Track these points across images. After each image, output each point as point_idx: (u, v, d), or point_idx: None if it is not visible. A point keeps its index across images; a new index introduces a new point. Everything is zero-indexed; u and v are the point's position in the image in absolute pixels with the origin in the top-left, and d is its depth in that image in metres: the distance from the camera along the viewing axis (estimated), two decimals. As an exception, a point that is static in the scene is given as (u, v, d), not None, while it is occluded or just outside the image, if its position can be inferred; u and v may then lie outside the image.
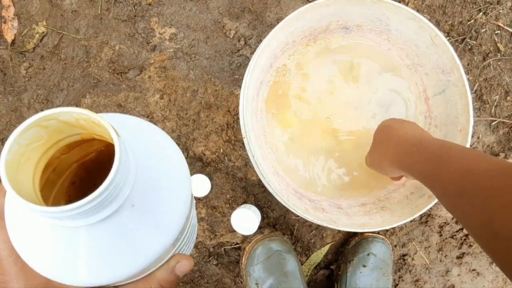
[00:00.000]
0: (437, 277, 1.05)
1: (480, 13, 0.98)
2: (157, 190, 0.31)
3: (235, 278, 1.02)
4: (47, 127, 0.27)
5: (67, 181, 0.33)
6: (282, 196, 0.68)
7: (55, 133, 0.28)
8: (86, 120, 0.27)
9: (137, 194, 0.29)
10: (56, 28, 0.98)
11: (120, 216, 0.28)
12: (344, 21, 0.79)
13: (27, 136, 0.26)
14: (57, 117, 0.26)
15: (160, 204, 0.31)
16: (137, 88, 0.99)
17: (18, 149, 0.26)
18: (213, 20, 0.99)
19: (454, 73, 0.73)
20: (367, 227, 0.69)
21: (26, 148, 0.27)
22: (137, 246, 0.30)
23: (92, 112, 0.26)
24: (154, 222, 0.31)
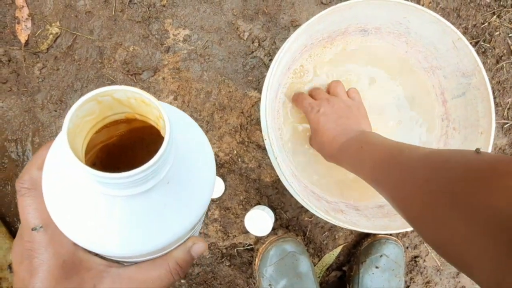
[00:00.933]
0: (448, 278, 1.06)
1: (494, 16, 0.98)
2: (190, 170, 0.33)
3: (248, 279, 1.03)
4: (101, 102, 0.28)
5: (90, 162, 0.34)
6: (304, 197, 0.68)
7: (106, 109, 0.30)
8: (137, 99, 0.29)
9: (173, 173, 0.31)
10: (70, 29, 0.98)
11: (156, 192, 0.30)
12: (364, 24, 0.80)
13: (84, 109, 0.28)
14: (112, 94, 0.28)
15: (191, 184, 0.33)
16: (151, 90, 0.99)
17: (77, 120, 0.27)
18: (227, 21, 0.99)
19: (476, 76, 0.73)
20: (389, 229, 0.69)
21: (81, 120, 0.28)
22: (166, 222, 0.32)
23: (145, 92, 0.28)
24: (184, 201, 0.32)
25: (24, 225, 0.33)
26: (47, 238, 0.32)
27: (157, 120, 0.30)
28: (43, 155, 0.33)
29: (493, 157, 0.45)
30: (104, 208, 0.30)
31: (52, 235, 0.32)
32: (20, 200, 0.33)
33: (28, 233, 0.33)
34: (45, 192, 0.32)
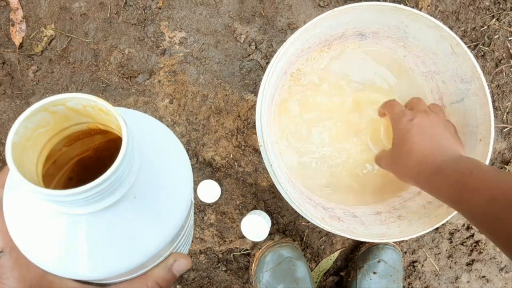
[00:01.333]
0: (446, 283, 1.05)
1: (493, 19, 0.97)
2: (161, 184, 0.31)
3: (244, 284, 1.02)
4: (54, 112, 0.27)
5: (65, 176, 0.33)
6: (300, 205, 0.67)
7: (62, 119, 0.28)
8: (94, 107, 0.27)
9: (140, 186, 0.29)
10: (65, 32, 0.97)
11: (122, 207, 0.28)
12: (361, 28, 0.79)
13: (35, 120, 0.26)
14: (65, 103, 0.26)
15: (163, 199, 0.31)
16: (146, 93, 0.98)
17: (25, 133, 0.26)
18: (224, 24, 0.98)
19: (475, 82, 0.72)
20: (386, 238, 0.68)
21: (32, 132, 0.26)
22: (137, 239, 0.30)
23: (100, 99, 0.26)
24: (155, 216, 0.31)
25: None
26: (11, 262, 0.31)
27: (118, 129, 0.27)
28: (6, 172, 0.32)
29: None
30: (68, 230, 0.28)
31: (18, 258, 0.31)
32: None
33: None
34: (6, 214, 0.30)
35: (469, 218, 0.57)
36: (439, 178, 0.61)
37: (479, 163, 0.60)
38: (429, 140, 0.67)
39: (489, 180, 0.55)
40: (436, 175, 0.62)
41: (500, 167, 1.01)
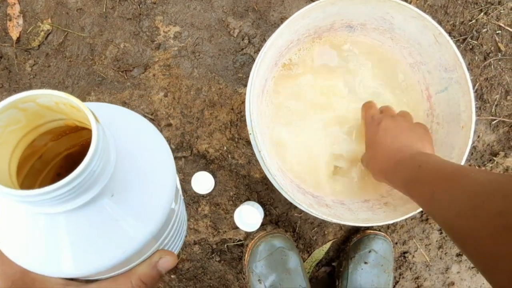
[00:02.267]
0: (437, 274, 1.07)
1: (481, 13, 0.99)
2: (140, 179, 0.31)
3: (238, 274, 1.03)
4: (25, 109, 0.26)
5: (53, 172, 0.33)
6: (288, 191, 0.68)
7: (35, 117, 0.27)
8: (66, 104, 0.26)
9: (118, 183, 0.29)
10: (61, 26, 0.99)
11: (100, 204, 0.28)
12: (349, 20, 0.80)
13: (4, 118, 0.25)
14: (35, 100, 0.26)
15: (142, 195, 0.30)
16: (141, 86, 0.99)
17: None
18: (217, 19, 1.00)
19: (457, 71, 0.74)
20: (371, 222, 0.70)
21: (3, 130, 0.26)
22: (117, 236, 0.30)
23: (71, 96, 0.25)
24: (135, 212, 0.30)
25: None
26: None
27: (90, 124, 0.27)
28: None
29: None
30: (47, 229, 0.28)
31: (0, 256, 0.30)
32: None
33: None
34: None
35: (420, 206, 0.62)
36: (396, 173, 0.68)
37: (430, 158, 0.65)
38: (392, 140, 0.73)
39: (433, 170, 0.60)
40: (394, 170, 0.68)
41: (489, 159, 1.02)
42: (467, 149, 0.74)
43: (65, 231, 0.28)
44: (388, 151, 0.72)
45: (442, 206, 0.53)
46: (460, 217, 0.48)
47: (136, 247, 0.30)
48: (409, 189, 0.63)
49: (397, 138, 0.73)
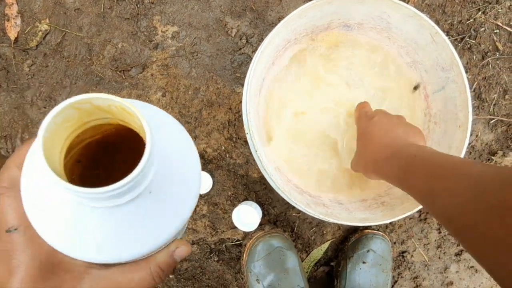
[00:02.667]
0: (435, 274, 1.06)
1: (479, 12, 0.99)
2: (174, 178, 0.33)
3: (236, 274, 1.03)
4: (80, 109, 0.28)
5: (73, 159, 0.34)
6: (284, 190, 0.68)
7: (86, 115, 0.29)
8: (118, 107, 0.28)
9: (156, 182, 0.30)
10: (59, 26, 0.99)
11: (137, 201, 0.30)
12: (346, 19, 0.80)
13: (62, 116, 0.27)
14: (91, 102, 0.28)
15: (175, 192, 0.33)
16: (139, 86, 0.99)
17: (54, 127, 0.27)
18: (215, 18, 1.00)
19: (454, 70, 0.74)
20: (367, 221, 0.70)
21: (59, 126, 0.28)
22: (149, 230, 0.32)
23: (125, 100, 0.27)
24: (167, 208, 0.32)
25: (2, 225, 0.33)
26: (25, 239, 0.32)
27: (139, 128, 0.29)
28: (23, 153, 0.33)
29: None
30: (83, 217, 0.30)
31: (31, 236, 0.32)
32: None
33: (6, 234, 0.32)
34: (23, 194, 0.32)
35: (413, 197, 0.60)
36: (389, 163, 0.65)
37: (424, 148, 0.64)
38: (384, 134, 0.71)
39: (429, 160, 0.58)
40: (386, 161, 0.66)
41: (487, 158, 1.02)
42: (464, 148, 0.74)
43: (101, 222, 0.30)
44: (380, 143, 0.70)
45: (440, 196, 0.51)
46: (461, 206, 0.47)
47: (166, 240, 0.33)
48: (403, 181, 0.61)
49: (391, 131, 0.71)
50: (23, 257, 0.32)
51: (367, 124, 0.75)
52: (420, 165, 0.58)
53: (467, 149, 1.01)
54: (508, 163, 1.02)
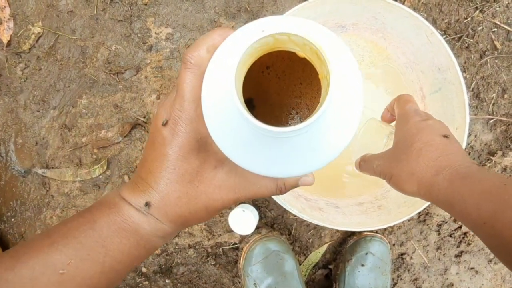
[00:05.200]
0: (435, 275, 1.05)
1: (476, 11, 0.97)
2: (333, 122, 0.33)
3: (233, 278, 1.02)
4: (278, 39, 0.30)
5: (257, 67, 0.37)
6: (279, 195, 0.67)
7: (279, 43, 0.31)
8: (312, 49, 0.29)
9: (317, 125, 0.32)
10: (52, 29, 0.98)
11: (295, 137, 0.32)
12: (340, 20, 0.79)
13: (261, 41, 0.29)
14: (289, 36, 0.30)
15: (331, 135, 0.34)
16: (133, 89, 0.98)
17: (250, 51, 0.29)
18: (210, 19, 0.99)
19: (450, 71, 0.72)
20: (363, 226, 0.69)
21: (255, 50, 0.30)
22: (300, 161, 0.34)
23: (327, 48, 0.28)
24: (318, 147, 0.34)
25: (179, 94, 0.36)
26: (195, 115, 0.36)
27: (323, 75, 0.30)
28: (215, 40, 0.35)
29: None
30: (244, 132, 0.32)
31: (200, 114, 0.35)
32: (183, 72, 0.35)
33: (180, 103, 0.36)
34: (204, 84, 0.33)
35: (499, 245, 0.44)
36: (467, 185, 0.49)
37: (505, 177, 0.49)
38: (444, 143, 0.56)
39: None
40: (463, 181, 0.49)
41: (487, 158, 1.01)
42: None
43: (264, 145, 0.33)
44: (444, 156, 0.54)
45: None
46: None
47: (308, 171, 0.35)
48: (493, 213, 0.45)
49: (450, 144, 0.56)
50: (189, 128, 0.36)
51: (419, 125, 0.59)
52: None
53: (466, 149, 0.99)
54: (508, 163, 1.01)
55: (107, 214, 0.38)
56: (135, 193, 0.38)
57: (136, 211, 0.38)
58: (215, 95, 0.33)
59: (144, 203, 0.37)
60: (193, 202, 0.38)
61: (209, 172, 0.38)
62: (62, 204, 1.01)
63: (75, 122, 0.99)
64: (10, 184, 1.01)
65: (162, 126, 0.37)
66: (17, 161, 1.00)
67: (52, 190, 1.01)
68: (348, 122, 0.34)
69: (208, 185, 0.38)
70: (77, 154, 1.00)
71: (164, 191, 0.37)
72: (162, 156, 0.37)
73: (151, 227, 0.38)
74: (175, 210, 0.38)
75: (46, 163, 1.00)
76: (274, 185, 0.39)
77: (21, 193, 1.01)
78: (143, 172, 0.38)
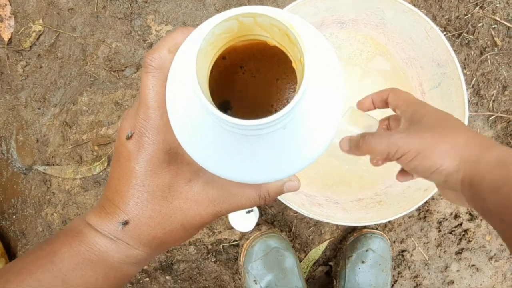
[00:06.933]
0: (436, 273, 1.05)
1: (476, 7, 0.97)
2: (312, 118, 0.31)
3: (234, 275, 1.02)
4: (242, 22, 0.28)
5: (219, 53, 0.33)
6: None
7: (245, 29, 0.29)
8: (281, 30, 0.27)
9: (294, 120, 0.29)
10: (53, 27, 0.98)
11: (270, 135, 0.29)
12: (339, 16, 0.79)
13: (224, 26, 0.27)
14: (255, 17, 0.27)
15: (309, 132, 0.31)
16: (134, 86, 0.99)
17: (211, 38, 0.27)
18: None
19: (449, 66, 0.72)
20: (363, 221, 0.69)
21: (217, 37, 0.28)
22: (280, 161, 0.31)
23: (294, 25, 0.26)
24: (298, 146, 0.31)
25: (142, 102, 0.33)
26: (162, 123, 0.33)
27: (297, 60, 0.28)
28: (177, 39, 0.33)
29: None
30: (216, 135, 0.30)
31: (167, 121, 0.32)
32: (145, 77, 0.33)
33: (144, 111, 0.33)
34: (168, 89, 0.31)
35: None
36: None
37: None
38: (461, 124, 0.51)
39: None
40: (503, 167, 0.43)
41: (487, 155, 1.01)
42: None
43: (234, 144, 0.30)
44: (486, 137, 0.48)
45: None
46: None
47: (290, 174, 0.32)
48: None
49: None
50: (156, 139, 0.33)
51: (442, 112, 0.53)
52: None
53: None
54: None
55: (69, 243, 0.34)
56: (101, 217, 0.35)
57: (103, 238, 0.34)
58: (180, 97, 0.30)
59: (112, 227, 0.34)
60: (168, 221, 0.35)
61: (183, 186, 0.35)
62: (63, 201, 1.01)
63: (75, 120, 1.00)
64: (11, 181, 1.01)
65: (127, 140, 0.34)
66: (18, 159, 1.00)
67: (53, 187, 1.01)
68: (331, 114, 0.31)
69: (183, 201, 0.34)
70: (78, 151, 1.00)
71: (134, 211, 0.34)
72: (129, 172, 0.34)
73: (121, 254, 0.34)
74: (147, 232, 0.34)
75: (47, 160, 1.00)
76: (257, 193, 0.36)
77: (22, 190, 1.02)
78: (110, 193, 0.35)
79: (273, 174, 0.32)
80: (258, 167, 0.31)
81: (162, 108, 0.32)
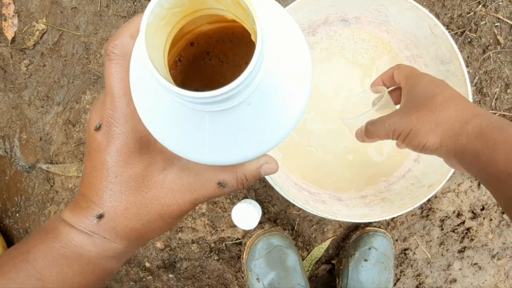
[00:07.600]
0: (438, 271, 1.05)
1: (479, 5, 0.97)
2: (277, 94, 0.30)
3: (236, 273, 1.02)
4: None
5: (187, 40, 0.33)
6: (282, 187, 0.68)
7: (198, 3, 0.28)
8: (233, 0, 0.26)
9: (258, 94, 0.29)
10: (56, 25, 0.98)
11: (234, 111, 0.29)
12: (343, 13, 0.80)
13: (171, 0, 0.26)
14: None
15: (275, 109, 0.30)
16: (137, 84, 0.99)
17: (160, 12, 0.26)
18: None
19: (453, 63, 0.73)
20: (366, 218, 0.69)
21: (167, 11, 0.26)
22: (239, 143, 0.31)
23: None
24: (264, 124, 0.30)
25: (108, 91, 0.32)
26: (129, 110, 0.32)
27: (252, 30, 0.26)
28: (138, 22, 0.32)
29: None
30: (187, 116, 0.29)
31: (134, 109, 0.31)
32: (108, 65, 0.32)
33: (111, 101, 0.32)
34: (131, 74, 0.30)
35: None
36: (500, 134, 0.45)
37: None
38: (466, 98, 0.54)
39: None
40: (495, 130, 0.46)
41: (490, 153, 1.01)
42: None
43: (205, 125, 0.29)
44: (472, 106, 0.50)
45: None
46: None
47: (255, 155, 0.31)
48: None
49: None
50: (125, 128, 0.32)
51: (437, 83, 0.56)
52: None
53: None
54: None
55: (44, 241, 0.33)
56: (76, 212, 0.34)
57: (79, 233, 0.33)
58: (143, 82, 0.30)
59: (87, 222, 0.33)
60: (144, 212, 0.34)
61: (158, 175, 0.34)
62: (66, 199, 1.01)
63: (79, 118, 1.00)
64: (14, 179, 1.02)
65: (96, 131, 0.33)
66: (22, 157, 1.01)
67: (56, 185, 1.01)
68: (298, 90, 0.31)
69: (158, 190, 0.34)
70: (81, 149, 1.00)
71: (108, 204, 0.33)
72: (100, 164, 0.33)
73: (97, 248, 0.34)
74: (124, 224, 0.34)
75: (50, 158, 1.01)
76: (234, 178, 0.35)
77: (26, 189, 1.02)
78: (83, 187, 0.34)
79: (243, 153, 0.31)
80: (228, 146, 0.30)
81: (128, 96, 0.32)
